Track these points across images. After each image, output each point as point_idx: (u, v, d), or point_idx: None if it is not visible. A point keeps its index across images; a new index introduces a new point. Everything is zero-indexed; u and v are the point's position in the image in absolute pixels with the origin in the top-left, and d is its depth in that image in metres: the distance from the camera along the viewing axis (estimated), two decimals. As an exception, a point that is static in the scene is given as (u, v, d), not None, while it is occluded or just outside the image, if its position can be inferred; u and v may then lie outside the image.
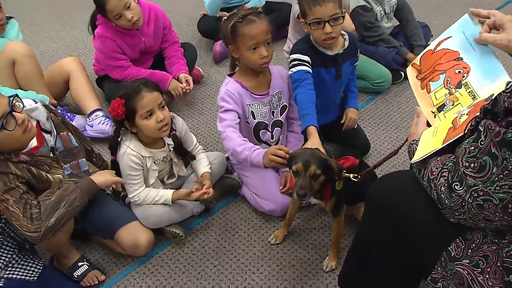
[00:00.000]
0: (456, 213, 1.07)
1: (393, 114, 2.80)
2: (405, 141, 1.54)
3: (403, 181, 1.34)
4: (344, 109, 2.31)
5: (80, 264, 1.91)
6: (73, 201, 1.67)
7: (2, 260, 1.73)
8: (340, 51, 2.07)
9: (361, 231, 1.59)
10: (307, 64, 1.98)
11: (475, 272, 1.13)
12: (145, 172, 1.97)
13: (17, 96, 1.64)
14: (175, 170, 2.09)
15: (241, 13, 1.92)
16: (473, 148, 1.00)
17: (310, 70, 1.99)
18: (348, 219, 2.02)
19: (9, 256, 1.75)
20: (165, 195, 1.99)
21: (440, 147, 1.19)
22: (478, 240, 1.14)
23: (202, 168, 2.10)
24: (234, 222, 2.16)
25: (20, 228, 1.60)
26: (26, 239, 1.71)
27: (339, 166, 1.68)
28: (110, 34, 2.59)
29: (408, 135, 1.45)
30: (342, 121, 2.28)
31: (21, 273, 1.73)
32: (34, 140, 1.74)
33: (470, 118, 1.19)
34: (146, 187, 1.99)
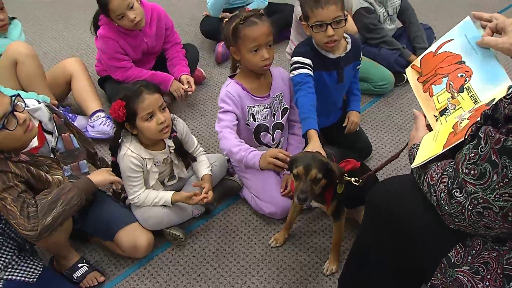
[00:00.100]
0: (456, 220, 1.06)
1: (395, 117, 2.79)
2: (406, 145, 1.53)
3: (403, 186, 1.33)
4: (346, 111, 2.30)
5: (80, 265, 1.92)
6: (70, 200, 1.66)
7: (2, 261, 1.73)
8: (342, 54, 2.05)
9: (361, 234, 1.58)
10: (308, 67, 1.97)
11: (475, 279, 1.12)
12: (145, 174, 1.97)
13: (19, 95, 1.64)
14: (175, 172, 2.09)
15: (242, 14, 1.91)
16: (473, 154, 0.99)
17: (312, 73, 1.98)
18: (349, 223, 2.02)
19: (9, 257, 1.75)
20: (165, 197, 1.98)
21: (440, 152, 1.18)
22: (478, 247, 1.13)
23: (203, 170, 2.09)
24: (234, 225, 2.16)
25: (17, 227, 1.60)
26: (26, 239, 1.71)
27: (340, 169, 1.68)
28: (112, 35, 2.59)
29: (409, 139, 1.45)
30: (344, 124, 2.26)
31: (20, 274, 1.74)
32: (35, 140, 1.74)
33: (470, 123, 1.18)
34: (146, 188, 1.99)
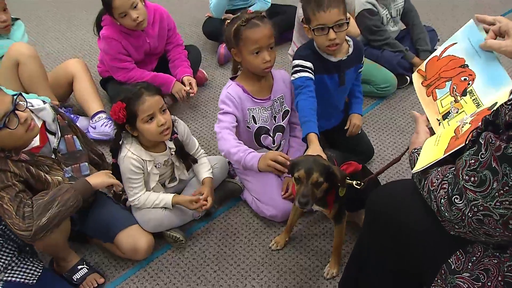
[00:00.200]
0: (456, 227, 1.05)
1: (398, 119, 2.77)
2: (407, 149, 1.52)
3: (404, 190, 1.32)
4: (348, 114, 2.28)
5: (79, 267, 1.91)
6: (66, 201, 1.66)
7: (2, 263, 1.73)
8: (344, 57, 2.04)
9: (361, 237, 1.58)
10: (309, 70, 1.96)
11: (475, 286, 1.11)
12: (146, 176, 1.96)
13: (21, 95, 1.64)
14: (176, 173, 2.08)
15: (244, 16, 1.90)
16: (473, 161, 0.98)
17: (312, 76, 1.97)
18: (350, 226, 2.01)
19: (9, 258, 1.75)
20: (165, 199, 1.98)
21: (442, 157, 1.17)
22: (479, 253, 1.12)
23: (204, 173, 2.08)
24: (235, 227, 2.15)
25: (12, 226, 1.59)
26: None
27: (342, 173, 1.66)
28: (115, 35, 2.59)
29: (410, 143, 1.44)
30: (346, 127, 2.25)
31: (20, 276, 1.73)
32: (37, 139, 1.74)
33: (472, 127, 1.17)
34: (147, 190, 1.98)
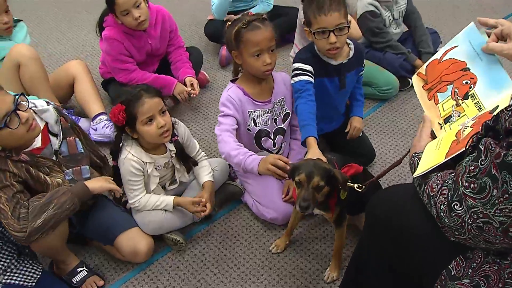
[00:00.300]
0: (456, 233, 1.04)
1: (399, 122, 2.76)
2: (407, 152, 1.51)
3: (404, 195, 1.31)
4: (349, 117, 2.28)
5: (79, 269, 1.91)
6: (62, 204, 1.65)
7: (1, 265, 1.73)
8: (345, 60, 2.03)
9: (362, 241, 1.57)
10: (309, 74, 1.96)
11: (475, 292, 1.09)
12: (146, 178, 1.96)
13: (22, 94, 1.65)
14: (177, 176, 2.08)
15: (245, 19, 1.89)
16: (473, 167, 0.97)
17: (312, 80, 1.96)
18: (351, 229, 2.00)
19: (8, 261, 1.75)
20: (166, 200, 1.98)
21: (443, 161, 1.16)
22: (479, 260, 1.11)
23: (204, 176, 2.08)
24: (235, 230, 2.14)
25: (7, 227, 1.59)
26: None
27: (343, 176, 1.65)
28: (117, 36, 2.59)
29: (411, 146, 1.42)
30: (346, 129, 2.24)
31: (19, 278, 1.73)
32: (38, 140, 1.74)
33: (473, 131, 1.16)
34: (147, 193, 1.98)
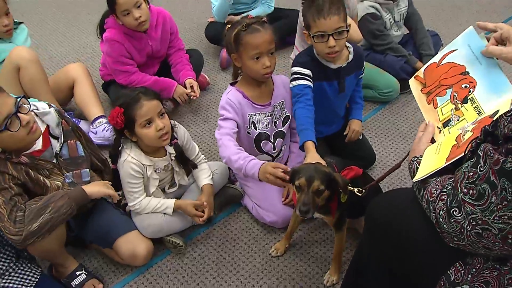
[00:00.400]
0: (455, 239, 1.03)
1: (400, 125, 2.75)
2: (407, 155, 1.50)
3: (403, 200, 1.31)
4: (348, 119, 2.26)
5: (78, 273, 1.90)
6: (59, 208, 1.65)
7: (-1, 268, 1.73)
8: (344, 64, 2.02)
9: (361, 244, 1.56)
10: (307, 78, 1.95)
11: (475, 298, 1.09)
12: (146, 181, 1.95)
13: (24, 97, 1.64)
14: (176, 179, 2.07)
15: (245, 21, 1.89)
16: (472, 174, 0.96)
17: (311, 84, 1.96)
18: (350, 233, 1.99)
19: (6, 264, 1.74)
20: (167, 203, 1.97)
21: (443, 166, 1.15)
22: (478, 265, 1.10)
23: (203, 180, 2.07)
24: (235, 233, 2.13)
25: (3, 230, 1.59)
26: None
27: (344, 179, 1.64)
28: (118, 38, 2.59)
29: (411, 149, 1.42)
30: (345, 132, 2.24)
31: (17, 282, 1.72)
32: (39, 143, 1.74)
33: (474, 136, 1.15)
34: (147, 195, 1.97)
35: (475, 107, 1.35)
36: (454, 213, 1.00)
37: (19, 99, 1.60)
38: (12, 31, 2.58)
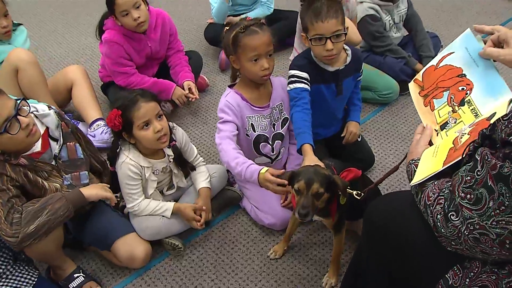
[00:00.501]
0: (453, 243, 1.03)
1: (400, 126, 2.75)
2: (404, 157, 1.49)
3: (402, 203, 1.30)
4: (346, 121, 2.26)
5: (76, 275, 1.89)
6: (57, 210, 1.64)
7: (-4, 271, 1.72)
8: (342, 67, 2.01)
9: (360, 247, 1.56)
10: (304, 81, 1.94)
11: (473, 303, 1.08)
12: (144, 183, 1.95)
13: (24, 99, 1.64)
14: (174, 181, 2.07)
15: (243, 23, 1.88)
16: (469, 178, 0.96)
17: (308, 87, 1.95)
18: (349, 235, 1.99)
19: (3, 267, 1.74)
20: (166, 206, 1.97)
21: (441, 169, 1.15)
22: (476, 269, 1.09)
23: (201, 183, 2.07)
24: (233, 235, 2.13)
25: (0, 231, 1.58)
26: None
27: (343, 182, 1.63)
28: (117, 39, 2.58)
29: (408, 152, 1.41)
30: (342, 134, 2.23)
31: (15, 284, 1.72)
32: (38, 145, 1.74)
33: (471, 138, 1.15)
34: (145, 197, 1.97)
35: (472, 109, 1.34)
36: (452, 217, 1.00)
37: (19, 101, 1.60)
38: (11, 32, 2.58)
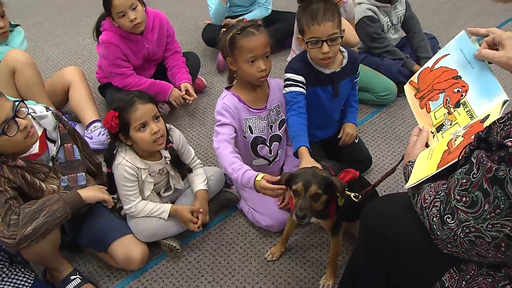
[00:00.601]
0: (449, 246, 1.02)
1: (397, 128, 2.75)
2: (401, 159, 1.49)
3: (398, 205, 1.30)
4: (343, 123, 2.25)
5: (72, 277, 1.88)
6: (54, 212, 1.64)
7: (-8, 274, 1.71)
8: (338, 69, 2.01)
9: (357, 249, 1.56)
10: (300, 84, 1.94)
11: (469, 305, 1.08)
12: (140, 184, 1.94)
13: (22, 101, 1.63)
14: (171, 183, 2.06)
15: (240, 25, 1.88)
16: (465, 181, 0.96)
17: (304, 90, 1.95)
18: (346, 237, 1.99)
19: (-1, 269, 1.73)
20: (163, 207, 1.97)
21: (434, 172, 1.15)
22: (473, 272, 1.09)
23: (198, 185, 2.06)
24: (230, 237, 2.12)
25: None
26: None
27: (341, 183, 1.63)
28: (114, 40, 2.58)
29: (405, 153, 1.41)
30: (339, 136, 2.23)
31: (11, 287, 1.71)
32: (36, 146, 1.73)
33: (464, 141, 1.15)
34: (142, 199, 1.96)
35: (467, 111, 1.34)
36: (447, 220, 0.99)
37: (17, 103, 1.60)
38: (8, 33, 2.57)
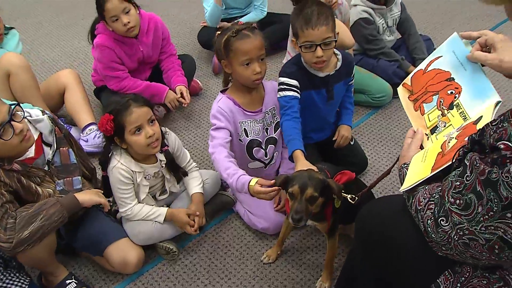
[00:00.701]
0: (443, 248, 1.03)
1: (393, 129, 2.75)
2: (396, 161, 1.49)
3: (393, 208, 1.30)
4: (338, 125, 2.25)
5: (68, 281, 1.87)
6: (51, 215, 1.63)
7: (-14, 279, 1.70)
8: (332, 72, 2.01)
9: (352, 251, 1.56)
10: (294, 89, 1.94)
11: (464, 307, 1.08)
12: (136, 187, 1.94)
13: (18, 105, 1.63)
14: (167, 186, 2.06)
15: (235, 27, 1.88)
16: (458, 183, 0.96)
17: (298, 94, 1.95)
18: (343, 239, 1.99)
19: (-6, 274, 1.72)
20: (159, 211, 1.96)
21: (428, 175, 1.15)
22: (467, 274, 1.09)
23: (193, 188, 2.06)
24: (226, 240, 2.12)
25: None
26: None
27: (338, 185, 1.63)
28: (108, 43, 2.58)
29: (400, 156, 1.41)
30: (334, 138, 2.23)
31: (5, 291, 1.71)
32: (32, 150, 1.73)
33: (458, 143, 1.15)
34: (138, 202, 1.96)
35: (460, 112, 1.35)
36: (441, 222, 0.99)
37: (13, 106, 1.59)
38: (3, 36, 2.57)
